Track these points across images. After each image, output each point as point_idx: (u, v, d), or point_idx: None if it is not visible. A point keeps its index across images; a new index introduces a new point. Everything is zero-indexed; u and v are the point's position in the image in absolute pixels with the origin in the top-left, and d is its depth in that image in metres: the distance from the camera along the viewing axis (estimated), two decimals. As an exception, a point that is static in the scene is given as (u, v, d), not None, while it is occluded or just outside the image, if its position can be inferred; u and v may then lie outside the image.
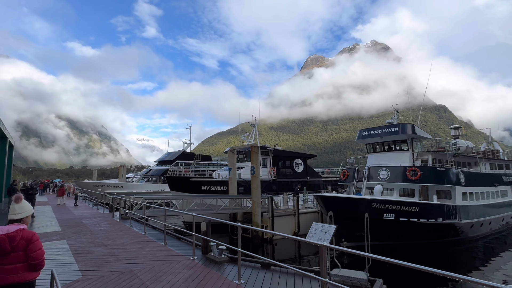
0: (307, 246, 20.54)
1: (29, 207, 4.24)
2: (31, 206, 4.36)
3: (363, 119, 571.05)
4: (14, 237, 3.73)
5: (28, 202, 4.36)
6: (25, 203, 4.23)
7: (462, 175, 21.44)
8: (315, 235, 6.02)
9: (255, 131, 33.78)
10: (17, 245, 3.74)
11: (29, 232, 3.89)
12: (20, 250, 3.76)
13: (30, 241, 3.81)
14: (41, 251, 3.88)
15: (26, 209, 4.16)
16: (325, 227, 6.11)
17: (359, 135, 25.79)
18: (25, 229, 3.89)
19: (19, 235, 3.78)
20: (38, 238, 3.93)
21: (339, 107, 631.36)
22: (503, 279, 14.00)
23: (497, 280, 13.67)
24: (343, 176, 25.68)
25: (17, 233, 3.76)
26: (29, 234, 3.87)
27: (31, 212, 4.27)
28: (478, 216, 21.43)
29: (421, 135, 23.12)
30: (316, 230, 6.15)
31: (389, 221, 18.48)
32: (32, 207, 4.68)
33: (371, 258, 4.07)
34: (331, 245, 4.32)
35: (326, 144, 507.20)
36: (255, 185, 20.68)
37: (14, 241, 3.72)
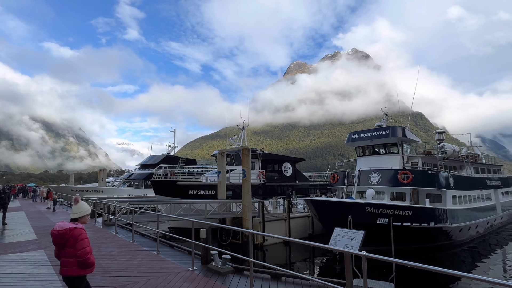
0: (298, 251, 20.02)
1: (84, 208, 4.63)
2: (88, 206, 4.72)
3: (345, 125, 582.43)
4: (64, 234, 4.25)
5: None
6: (82, 204, 4.65)
7: (451, 179, 21.61)
8: (340, 241, 5.45)
9: (243, 134, 33.09)
10: (68, 242, 4.26)
11: (78, 231, 4.32)
12: (70, 247, 4.26)
13: (76, 240, 4.26)
14: (84, 250, 4.26)
15: (81, 209, 4.58)
16: (351, 233, 5.56)
17: (349, 138, 25.63)
18: (76, 228, 4.33)
19: (69, 233, 4.25)
20: (83, 238, 4.33)
21: (321, 112, 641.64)
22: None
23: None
24: (332, 180, 25.37)
25: (66, 231, 4.25)
26: (77, 233, 4.30)
27: (87, 212, 4.64)
28: (466, 220, 21.62)
29: (411, 138, 23.21)
30: (340, 236, 5.59)
31: (382, 226, 18.19)
32: (89, 207, 4.92)
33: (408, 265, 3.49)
34: (371, 254, 3.75)
35: (308, 149, 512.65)
36: (246, 189, 19.97)
37: (64, 238, 4.24)
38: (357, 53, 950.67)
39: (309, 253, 19.56)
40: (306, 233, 23.03)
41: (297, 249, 20.37)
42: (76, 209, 4.56)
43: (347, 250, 4.29)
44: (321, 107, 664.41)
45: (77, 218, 4.52)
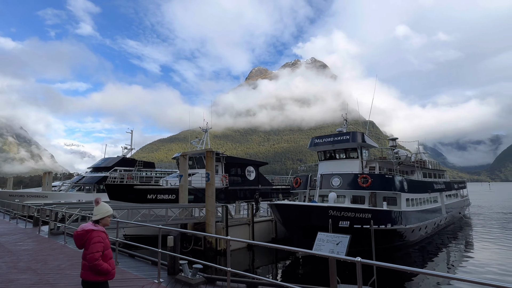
0: (261, 256, 19.79)
1: (105, 209, 4.47)
2: (108, 207, 4.56)
3: (303, 131, 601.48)
4: (81, 236, 4.16)
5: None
6: (103, 205, 4.49)
7: (405, 183, 22.97)
8: (325, 247, 5.24)
9: (206, 136, 32.25)
10: (86, 244, 4.14)
11: (95, 233, 4.17)
12: (86, 249, 4.13)
13: (90, 243, 4.09)
14: (93, 255, 4.02)
15: (101, 211, 4.42)
16: (336, 237, 5.40)
17: (311, 142, 26.15)
18: (94, 230, 4.19)
19: (86, 235, 4.15)
20: (97, 242, 4.11)
21: (281, 118, 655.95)
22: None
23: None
24: (295, 184, 25.64)
25: (83, 233, 4.16)
26: (93, 236, 4.15)
27: (108, 213, 4.47)
28: (418, 221, 23.08)
29: (370, 143, 24.32)
30: (325, 241, 5.39)
31: (344, 229, 18.62)
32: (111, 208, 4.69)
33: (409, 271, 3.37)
34: (366, 260, 3.55)
35: (268, 153, 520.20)
36: (210, 193, 19.31)
37: (82, 239, 4.16)
38: (315, 63, 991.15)
39: (272, 257, 19.42)
40: (270, 237, 22.91)
41: (260, 253, 20.14)
42: (97, 211, 4.41)
43: (333, 256, 4.06)
44: (281, 113, 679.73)
45: (98, 220, 4.37)
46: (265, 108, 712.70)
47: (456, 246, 22.31)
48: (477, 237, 25.33)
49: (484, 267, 16.85)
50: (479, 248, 21.69)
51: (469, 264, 17.77)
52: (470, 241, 23.92)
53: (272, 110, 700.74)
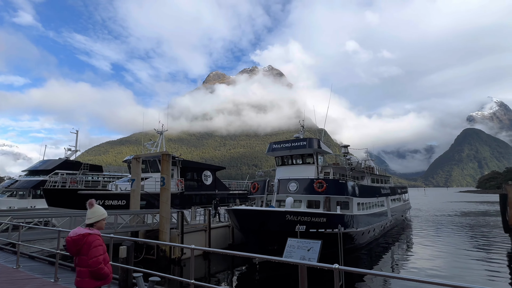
0: (217, 263, 19.25)
1: (100, 212, 4.29)
2: (103, 210, 4.37)
3: (259, 137, 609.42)
4: (77, 241, 3.93)
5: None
6: (97, 208, 4.30)
7: (357, 188, 24.14)
8: (295, 253, 5.04)
9: (161, 139, 30.79)
10: (82, 249, 3.93)
11: (92, 237, 3.99)
12: (84, 254, 3.92)
13: (89, 247, 3.92)
14: (96, 259, 3.91)
15: (96, 214, 4.24)
16: (306, 243, 5.26)
17: (270, 148, 26.36)
18: (91, 234, 4.00)
19: (82, 239, 3.94)
20: (97, 245, 3.98)
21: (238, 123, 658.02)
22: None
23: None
24: (253, 189, 25.58)
25: (79, 237, 3.94)
26: (91, 240, 3.96)
27: (103, 216, 4.30)
28: (367, 224, 24.37)
29: (325, 150, 25.20)
30: (295, 247, 5.20)
31: (300, 233, 18.85)
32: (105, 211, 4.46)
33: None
34: (344, 267, 3.43)
35: (224, 158, 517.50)
36: (165, 199, 18.32)
37: (78, 245, 3.93)
38: (272, 70, 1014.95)
39: (228, 264, 19.00)
40: (226, 243, 22.45)
41: (216, 260, 19.60)
42: (91, 214, 4.23)
43: (304, 262, 3.90)
44: (238, 118, 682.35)
45: (92, 223, 4.20)
46: (222, 112, 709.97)
47: (400, 247, 23.96)
48: (417, 238, 27.51)
49: (424, 265, 18.30)
50: (419, 247, 23.54)
51: (411, 263, 19.19)
52: (411, 242, 25.88)
53: (229, 115, 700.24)
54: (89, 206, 4.30)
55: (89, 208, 4.29)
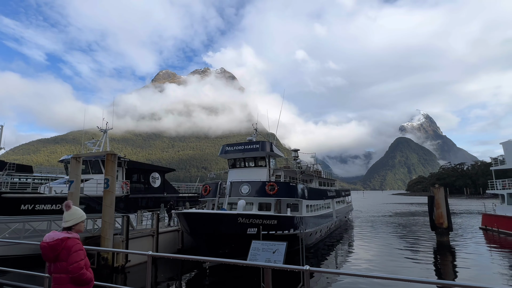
0: (165, 269, 18.38)
1: (78, 214, 4.04)
2: (81, 212, 4.10)
3: (210, 139, 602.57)
4: (55, 246, 3.67)
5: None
6: (75, 210, 4.03)
7: (306, 190, 25.04)
8: (260, 256, 4.90)
9: (105, 138, 28.51)
10: (60, 255, 3.68)
11: (72, 241, 3.76)
12: (63, 260, 3.67)
13: (69, 252, 3.68)
14: (78, 264, 3.68)
15: (75, 216, 3.98)
16: (271, 245, 5.14)
17: (222, 150, 26.12)
18: (70, 238, 3.76)
19: (61, 244, 3.69)
20: (78, 249, 3.75)
21: (188, 124, 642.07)
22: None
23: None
24: (204, 192, 25.04)
25: (57, 242, 3.69)
26: (70, 244, 3.73)
27: (82, 218, 4.06)
28: (315, 225, 25.40)
29: (277, 153, 25.73)
30: (260, 250, 5.05)
31: (252, 235, 18.91)
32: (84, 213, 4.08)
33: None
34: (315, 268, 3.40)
35: (172, 160, 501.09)
36: (108, 202, 16.92)
37: (56, 250, 3.67)
38: (225, 73, 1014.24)
39: (177, 270, 18.26)
40: (175, 248, 21.54)
41: (164, 266, 18.69)
42: (69, 216, 3.93)
43: (269, 265, 3.83)
44: (189, 119, 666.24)
45: (70, 226, 3.91)
46: (172, 113, 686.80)
47: (343, 246, 25.40)
48: (358, 237, 29.45)
49: (364, 261, 19.66)
50: (359, 246, 25.24)
51: (353, 260, 20.50)
52: (353, 241, 27.61)
53: (179, 115, 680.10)
54: (65, 208, 4.02)
55: (66, 210, 4.00)
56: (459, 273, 17.24)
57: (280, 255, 5.08)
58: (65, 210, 4.02)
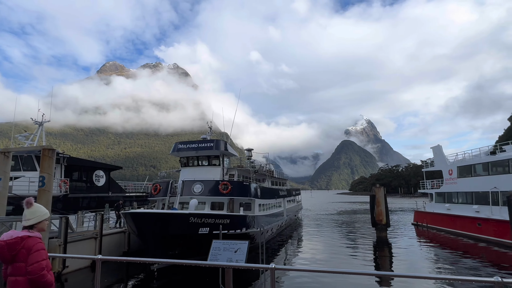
0: (109, 274, 17.16)
1: (41, 211, 3.69)
2: (44, 209, 3.77)
3: (160, 136, 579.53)
4: (13, 245, 3.34)
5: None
6: (37, 207, 3.69)
7: (259, 189, 25.36)
8: (222, 256, 4.73)
9: (41, 131, 25.64)
10: (19, 255, 3.33)
11: (32, 240, 3.42)
12: (21, 261, 3.33)
13: (29, 252, 3.33)
14: (39, 264, 3.31)
15: (37, 213, 3.64)
16: (233, 244, 4.97)
17: (174, 148, 25.32)
18: (30, 237, 3.43)
19: (20, 243, 3.36)
20: (39, 249, 3.40)
21: (137, 120, 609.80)
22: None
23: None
24: (154, 191, 24.03)
25: (17, 241, 3.36)
26: (31, 243, 3.38)
27: (45, 216, 3.70)
28: (267, 224, 25.84)
29: (232, 152, 25.65)
30: (221, 249, 4.87)
31: (203, 235, 18.61)
32: (47, 210, 3.74)
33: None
34: (281, 266, 3.37)
35: (118, 158, 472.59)
36: (44, 202, 15.19)
37: (14, 250, 3.33)
38: (178, 69, 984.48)
39: (123, 274, 17.19)
40: (121, 251, 20.24)
41: (107, 270, 17.44)
42: (30, 214, 3.60)
43: (231, 264, 3.76)
44: (137, 115, 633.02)
45: (32, 225, 3.59)
46: (119, 107, 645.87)
47: (292, 243, 26.30)
48: (306, 234, 30.71)
49: (311, 256, 20.61)
50: (307, 242, 26.38)
51: (302, 255, 21.37)
52: (302, 238, 28.74)
53: (126, 110, 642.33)
54: (26, 205, 3.69)
55: (27, 208, 3.67)
56: (394, 264, 18.98)
57: (242, 254, 5.02)
58: (26, 208, 3.69)
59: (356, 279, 14.30)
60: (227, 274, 3.81)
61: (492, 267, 17.17)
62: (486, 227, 24.19)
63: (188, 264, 3.96)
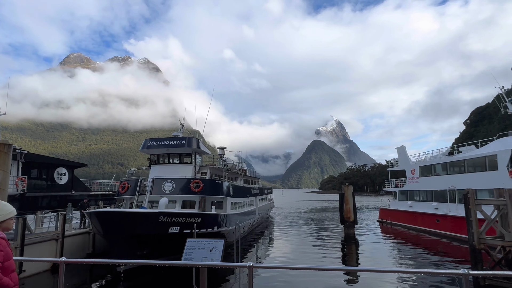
0: (71, 277, 16.25)
1: (7, 209, 3.42)
2: (10, 207, 3.48)
3: (128, 133, 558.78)
4: None
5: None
6: (2, 205, 3.44)
7: (231, 188, 25.23)
8: (197, 255, 4.55)
9: (-4, 125, 23.72)
10: None
11: None
12: None
13: None
14: None
15: (2, 212, 3.38)
16: (208, 243, 4.82)
17: (145, 144, 24.54)
18: None
19: None
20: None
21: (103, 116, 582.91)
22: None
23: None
24: (122, 189, 23.14)
25: None
26: None
27: (11, 214, 3.44)
28: (239, 222, 25.78)
29: (204, 150, 25.29)
30: (196, 248, 4.69)
31: (174, 235, 18.20)
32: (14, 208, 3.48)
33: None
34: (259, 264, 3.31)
35: (82, 155, 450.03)
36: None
37: None
38: (148, 64, 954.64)
39: (86, 276, 16.36)
40: (85, 253, 19.24)
41: (69, 274, 16.49)
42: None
43: (208, 263, 3.67)
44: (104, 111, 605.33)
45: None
46: (84, 102, 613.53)
47: (264, 241, 26.47)
48: (277, 232, 31.02)
49: (282, 253, 20.88)
50: (279, 240, 26.67)
51: (272, 253, 21.59)
52: (273, 236, 29.00)
53: (92, 105, 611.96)
54: None
55: None
56: (361, 259, 19.75)
57: (218, 253, 4.91)
58: None
59: (327, 274, 14.68)
60: (201, 274, 3.71)
61: (452, 262, 18.35)
62: (444, 223, 25.88)
63: (160, 264, 3.81)
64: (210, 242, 5.20)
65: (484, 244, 12.70)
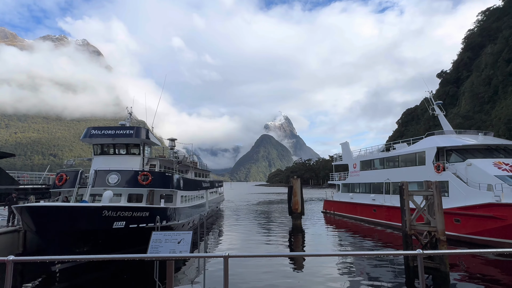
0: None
1: None
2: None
3: (64, 121, 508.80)
4: None
5: None
6: None
7: (181, 181, 24.58)
8: (163, 247, 4.28)
9: None
10: None
11: None
12: None
13: None
14: None
15: None
16: (176, 235, 4.56)
17: (86, 133, 22.66)
18: None
19: None
20: None
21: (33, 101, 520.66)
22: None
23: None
24: (59, 181, 21.11)
25: None
26: None
27: None
28: (188, 216, 25.33)
29: (154, 141, 24.18)
30: (162, 241, 4.41)
31: (119, 230, 17.23)
32: None
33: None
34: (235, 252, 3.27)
35: (5, 143, 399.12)
36: None
37: None
38: (88, 46, 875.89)
39: (14, 277, 14.66)
40: (14, 254, 17.14)
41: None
42: None
43: (179, 255, 3.58)
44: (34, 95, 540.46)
45: None
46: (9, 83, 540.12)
47: (213, 234, 26.49)
48: (227, 225, 31.22)
49: (232, 245, 21.14)
50: (228, 232, 26.96)
51: (221, 245, 21.74)
52: (223, 228, 29.14)
53: (19, 88, 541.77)
54: None
55: None
56: (306, 246, 21.23)
57: (186, 245, 4.75)
58: None
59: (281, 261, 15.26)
60: (168, 267, 3.60)
61: (386, 247, 20.43)
62: (380, 213, 28.54)
63: (121, 258, 3.59)
64: (178, 234, 5.04)
65: (414, 230, 14.33)
